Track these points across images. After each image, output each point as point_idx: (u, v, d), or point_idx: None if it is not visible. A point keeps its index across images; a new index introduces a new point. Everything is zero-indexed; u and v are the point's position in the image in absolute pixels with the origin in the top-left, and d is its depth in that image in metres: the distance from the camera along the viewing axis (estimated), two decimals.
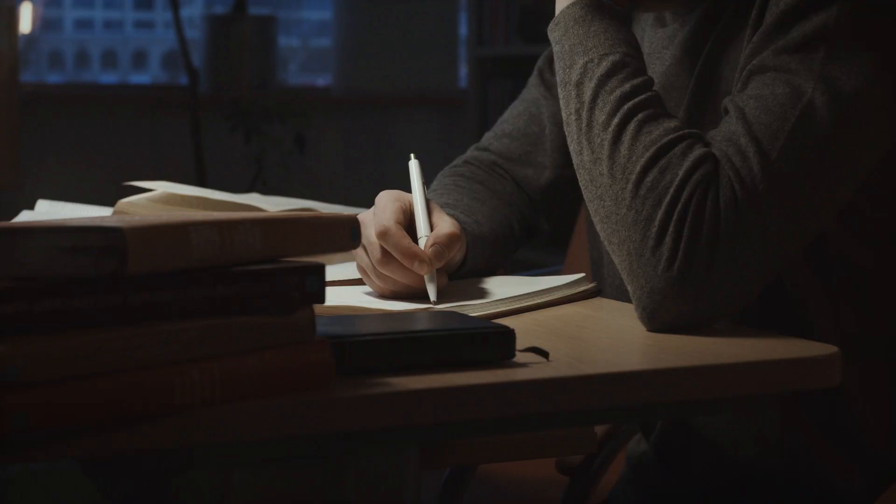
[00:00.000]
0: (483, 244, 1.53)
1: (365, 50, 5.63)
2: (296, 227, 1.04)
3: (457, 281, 1.48)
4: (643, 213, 1.25)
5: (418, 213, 1.42)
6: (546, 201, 1.68)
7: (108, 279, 0.91)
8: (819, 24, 1.29)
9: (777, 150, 1.26)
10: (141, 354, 0.93)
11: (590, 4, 1.37)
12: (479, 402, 1.04)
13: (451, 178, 1.67)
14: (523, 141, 1.69)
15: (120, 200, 1.87)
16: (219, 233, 0.98)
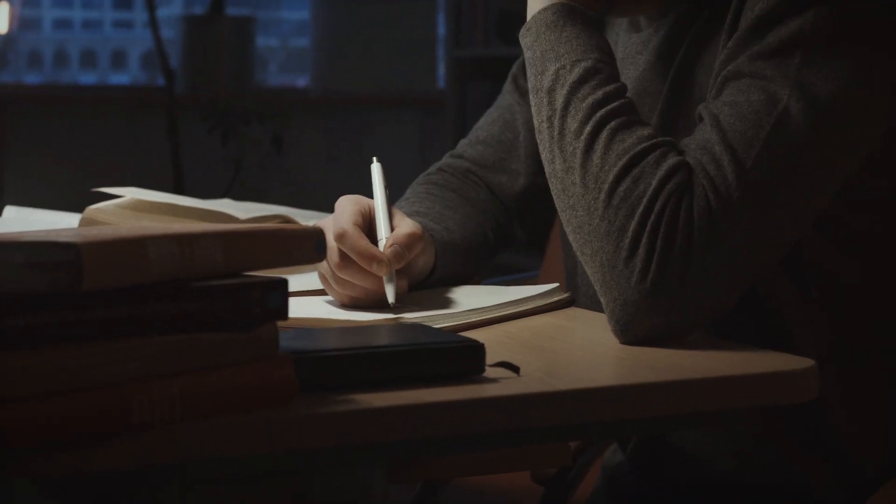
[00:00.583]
0: (454, 252, 1.50)
1: (343, 50, 5.60)
2: (259, 240, 1.02)
3: (427, 290, 1.46)
4: (616, 224, 1.23)
5: (379, 215, 1.40)
6: (520, 209, 1.66)
7: (64, 295, 0.88)
8: (795, 29, 1.27)
9: (752, 158, 1.23)
10: (98, 372, 0.90)
11: (562, 10, 1.35)
12: (447, 420, 1.02)
13: (423, 185, 1.65)
14: (497, 148, 1.67)
15: (88, 207, 1.84)
16: (179, 247, 0.95)
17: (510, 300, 1.38)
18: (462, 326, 1.30)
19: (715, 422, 1.20)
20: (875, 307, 1.40)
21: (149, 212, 1.82)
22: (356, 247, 1.33)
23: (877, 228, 1.38)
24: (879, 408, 1.42)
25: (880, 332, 1.41)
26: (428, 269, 1.46)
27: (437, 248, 1.47)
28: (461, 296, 1.43)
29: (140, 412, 0.92)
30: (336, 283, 1.36)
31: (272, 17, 6.42)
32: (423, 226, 1.47)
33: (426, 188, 1.63)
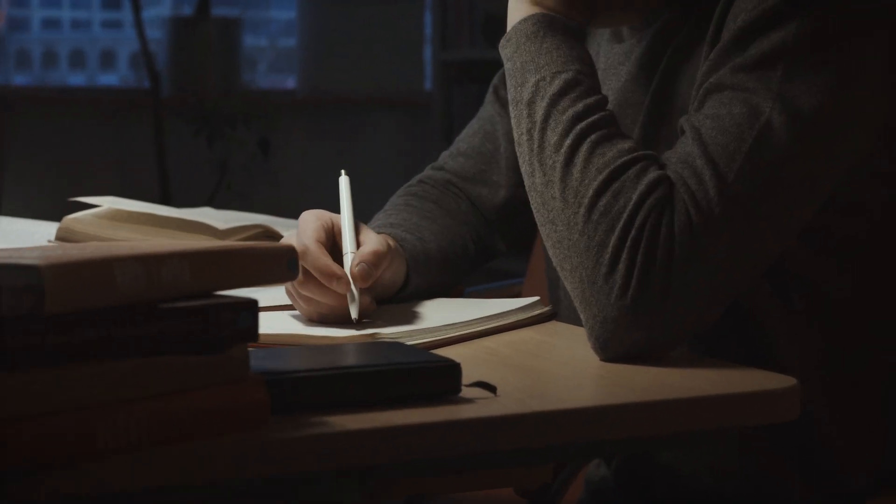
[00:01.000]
0: (427, 262, 1.48)
1: (329, 52, 5.59)
2: (229, 260, 1.00)
3: (406, 304, 1.43)
4: (596, 239, 1.21)
5: (345, 230, 1.37)
6: (502, 221, 1.64)
7: (26, 319, 0.86)
8: (777, 41, 1.25)
9: (734, 172, 1.21)
10: (61, 397, 0.88)
11: (542, 20, 1.32)
12: (422, 442, 1.00)
13: (402, 197, 1.63)
14: (478, 159, 1.65)
15: (65, 217, 1.82)
16: (145, 268, 0.93)
17: (490, 314, 1.36)
18: (440, 342, 1.28)
19: (696, 442, 1.19)
20: (860, 318, 1.38)
21: (127, 222, 1.80)
22: (316, 264, 1.31)
23: (861, 238, 1.37)
24: (865, 420, 1.41)
25: (866, 344, 1.39)
26: (398, 282, 1.43)
27: (408, 259, 1.44)
28: (440, 310, 1.41)
29: (105, 438, 0.90)
30: (300, 299, 1.34)
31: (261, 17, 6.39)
32: (394, 237, 1.45)
33: (405, 199, 1.62)
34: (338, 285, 1.31)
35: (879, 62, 1.28)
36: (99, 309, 0.90)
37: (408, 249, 1.46)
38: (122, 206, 1.81)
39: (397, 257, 1.43)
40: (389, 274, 1.40)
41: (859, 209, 1.35)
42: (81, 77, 6.58)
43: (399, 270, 1.43)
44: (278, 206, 5.30)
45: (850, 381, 1.39)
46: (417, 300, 1.46)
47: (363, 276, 1.32)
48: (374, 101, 5.53)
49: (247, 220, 1.86)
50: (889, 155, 1.34)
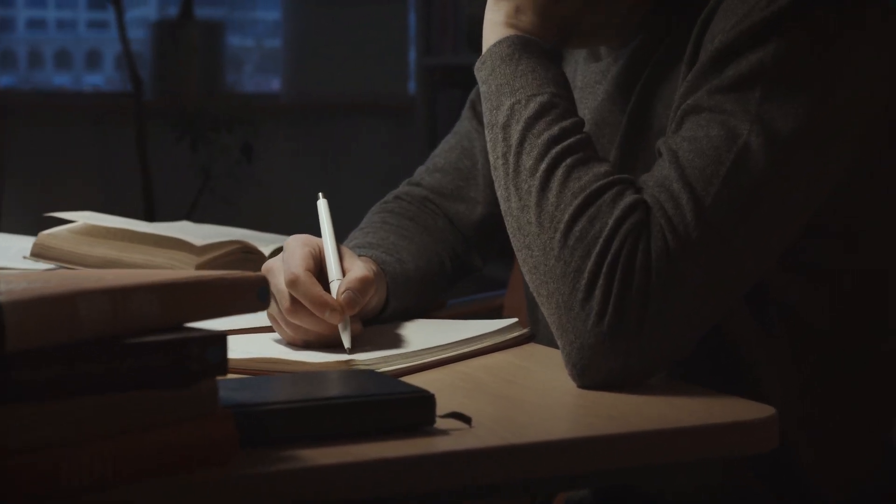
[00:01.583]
0: (407, 283, 1.47)
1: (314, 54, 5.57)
2: (198, 291, 0.98)
3: (380, 326, 1.42)
4: (572, 265, 1.19)
5: (329, 257, 1.36)
6: (479, 238, 1.62)
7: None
8: (755, 62, 1.23)
9: (711, 196, 1.20)
10: (25, 435, 0.87)
11: (517, 42, 1.31)
12: (395, 477, 0.99)
13: (379, 214, 1.61)
14: (455, 175, 1.63)
15: (41, 233, 1.80)
16: (111, 302, 0.91)
17: (467, 337, 1.35)
18: (417, 367, 1.26)
19: (672, 473, 1.17)
20: (840, 343, 1.37)
21: (103, 237, 1.78)
22: (309, 294, 1.29)
23: (840, 264, 1.35)
24: (844, 445, 1.40)
25: (846, 369, 1.38)
26: (380, 306, 1.42)
27: (388, 282, 1.43)
28: (416, 332, 1.39)
29: (70, 475, 0.88)
30: (287, 326, 1.33)
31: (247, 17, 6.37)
32: (375, 259, 1.44)
33: (381, 217, 1.60)
34: (331, 316, 1.29)
35: (857, 83, 1.27)
36: (63, 345, 0.88)
37: (388, 272, 1.44)
38: (98, 222, 1.79)
39: (381, 281, 1.41)
40: (375, 299, 1.39)
41: (838, 235, 1.34)
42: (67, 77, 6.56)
43: (380, 294, 1.42)
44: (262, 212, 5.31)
45: (828, 405, 1.38)
46: (396, 322, 1.45)
47: (351, 303, 1.30)
48: (358, 105, 5.51)
49: (225, 236, 1.84)
50: (868, 180, 1.33)
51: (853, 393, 1.39)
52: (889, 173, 1.36)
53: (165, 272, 1.03)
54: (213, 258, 1.75)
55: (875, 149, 1.32)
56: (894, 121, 1.34)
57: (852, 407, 1.39)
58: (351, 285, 1.31)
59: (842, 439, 1.39)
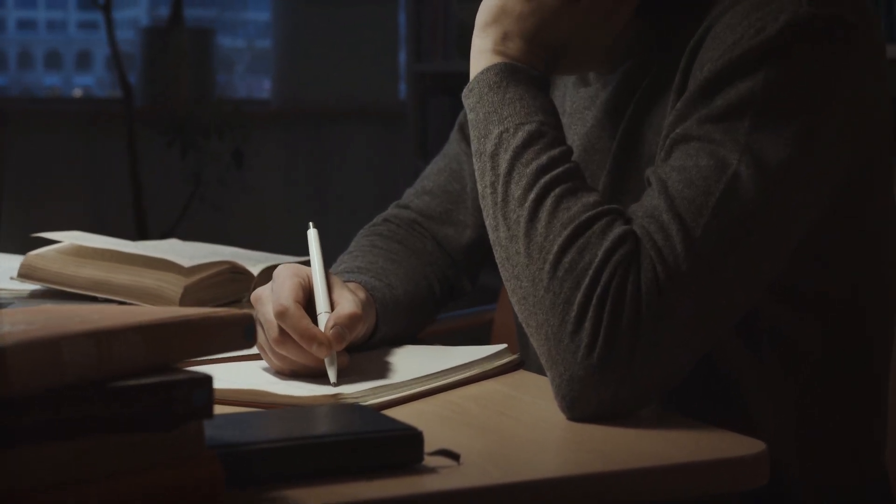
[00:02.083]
0: (396, 309, 1.46)
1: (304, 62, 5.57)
2: (183, 331, 0.97)
3: (367, 352, 1.41)
4: (561, 296, 1.18)
5: (318, 288, 1.35)
6: (468, 261, 1.61)
7: None
8: (744, 92, 1.23)
9: (700, 227, 1.19)
10: (9, 480, 0.86)
11: (504, 70, 1.30)
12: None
13: (368, 237, 1.60)
14: (444, 198, 1.62)
15: (28, 254, 1.79)
16: (96, 345, 0.90)
17: (455, 365, 1.34)
18: (405, 398, 1.26)
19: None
20: (830, 371, 1.37)
21: (91, 258, 1.77)
22: (297, 327, 1.28)
23: (831, 291, 1.35)
24: (837, 467, 1.39)
25: (836, 392, 1.37)
26: (369, 332, 1.41)
27: (378, 308, 1.42)
28: (404, 360, 1.38)
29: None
30: (274, 356, 1.32)
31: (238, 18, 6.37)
32: (364, 284, 1.43)
33: (370, 240, 1.59)
34: (318, 349, 1.28)
35: (845, 111, 1.26)
36: (47, 390, 0.87)
37: (378, 298, 1.43)
38: (84, 243, 1.78)
39: (370, 308, 1.40)
40: (364, 327, 1.38)
41: (827, 264, 1.33)
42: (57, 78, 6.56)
43: (370, 321, 1.41)
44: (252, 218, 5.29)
45: (821, 432, 1.37)
46: (384, 348, 1.44)
47: (338, 338, 1.29)
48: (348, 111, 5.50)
49: (213, 256, 1.83)
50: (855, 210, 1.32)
51: (845, 418, 1.39)
52: (874, 197, 1.36)
53: (150, 310, 1.02)
54: (201, 279, 1.74)
55: (862, 173, 1.32)
56: (881, 146, 1.34)
57: (844, 432, 1.39)
58: (339, 321, 1.30)
59: (834, 464, 1.39)
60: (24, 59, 6.44)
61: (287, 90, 5.57)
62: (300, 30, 5.57)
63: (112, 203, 5.03)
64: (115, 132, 4.92)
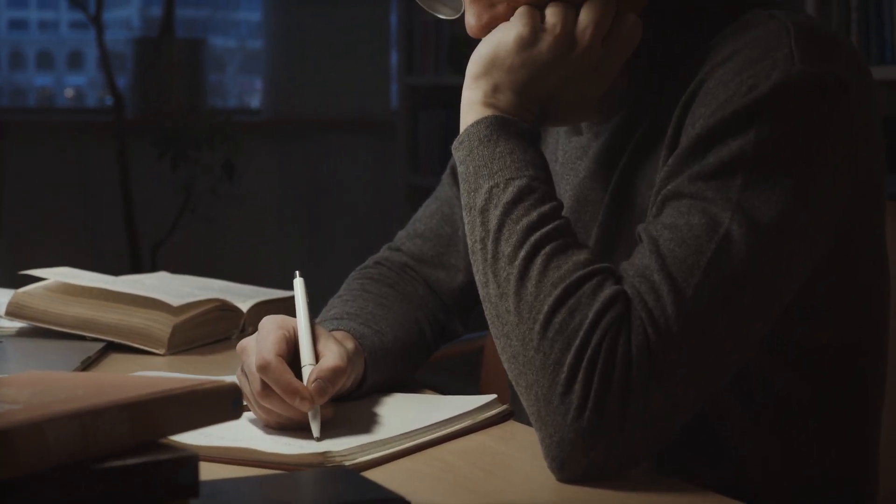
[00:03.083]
0: (386, 356, 1.45)
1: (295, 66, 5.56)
2: (169, 406, 0.96)
3: (356, 402, 1.40)
4: (551, 357, 1.18)
5: (302, 340, 1.34)
6: (459, 304, 1.61)
7: None
8: (736, 149, 1.22)
9: (692, 287, 1.18)
10: None
11: (495, 123, 1.29)
12: None
13: (358, 281, 1.59)
14: (435, 242, 1.62)
15: (16, 292, 1.79)
16: (80, 426, 0.90)
17: (444, 419, 1.33)
18: (393, 455, 1.25)
19: None
20: (822, 419, 1.36)
21: (79, 296, 1.77)
22: (279, 381, 1.28)
23: (824, 342, 1.34)
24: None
25: (828, 444, 1.37)
26: (358, 382, 1.41)
27: (366, 356, 1.42)
28: (392, 411, 1.38)
29: None
30: (259, 409, 1.31)
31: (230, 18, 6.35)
32: (353, 332, 1.42)
33: (361, 283, 1.58)
34: (300, 403, 1.28)
35: (837, 167, 1.26)
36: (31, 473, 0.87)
37: (367, 347, 1.42)
38: (73, 281, 1.77)
39: (356, 357, 1.39)
40: (351, 378, 1.37)
41: (820, 315, 1.33)
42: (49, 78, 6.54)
43: (358, 370, 1.40)
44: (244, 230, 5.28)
45: (814, 484, 1.37)
46: (373, 396, 1.43)
47: (321, 392, 1.29)
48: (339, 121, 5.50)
49: (203, 293, 1.83)
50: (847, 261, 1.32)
51: (837, 468, 1.38)
52: (866, 248, 1.35)
53: (135, 382, 1.01)
54: (190, 317, 1.74)
55: (854, 226, 1.31)
56: (873, 199, 1.33)
57: (837, 483, 1.38)
58: (322, 374, 1.29)
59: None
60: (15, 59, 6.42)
61: (278, 100, 5.56)
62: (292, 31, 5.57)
63: (103, 215, 5.01)
64: (105, 143, 4.91)
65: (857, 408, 1.38)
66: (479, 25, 1.34)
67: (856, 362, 1.37)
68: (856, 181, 1.29)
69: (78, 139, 5.10)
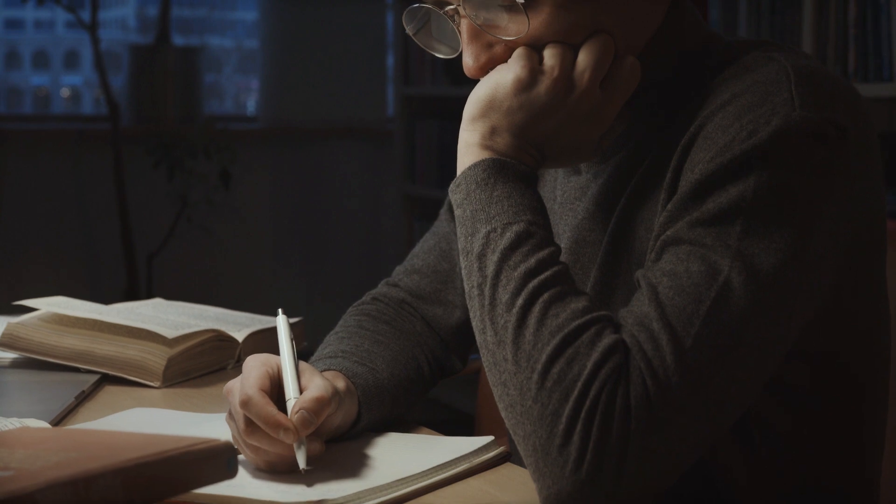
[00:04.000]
0: (380, 393, 1.44)
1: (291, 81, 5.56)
2: (163, 469, 0.96)
3: (350, 443, 1.39)
4: (549, 408, 1.17)
5: (286, 375, 1.33)
6: (457, 341, 1.60)
7: None
8: (735, 196, 1.21)
9: (691, 337, 1.17)
10: None
11: (493, 166, 1.28)
12: None
13: (355, 317, 1.58)
14: (433, 278, 1.61)
15: (9, 323, 1.78)
16: (73, 493, 0.89)
17: (440, 463, 1.32)
18: (389, 502, 1.24)
19: None
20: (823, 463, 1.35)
21: (73, 327, 1.75)
22: (261, 414, 1.27)
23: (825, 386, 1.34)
24: None
25: (828, 489, 1.36)
26: (350, 421, 1.40)
27: (359, 395, 1.41)
28: (388, 455, 1.36)
29: None
30: (247, 448, 1.30)
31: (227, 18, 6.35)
32: (345, 371, 1.42)
33: (357, 320, 1.57)
34: (284, 435, 1.27)
35: (837, 213, 1.25)
36: None
37: (360, 385, 1.42)
38: (67, 311, 1.76)
39: (348, 397, 1.39)
40: (340, 415, 1.36)
41: (821, 359, 1.32)
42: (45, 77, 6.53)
43: (350, 410, 1.39)
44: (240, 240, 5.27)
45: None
46: (367, 436, 1.42)
47: (304, 423, 1.28)
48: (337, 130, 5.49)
49: (198, 322, 1.82)
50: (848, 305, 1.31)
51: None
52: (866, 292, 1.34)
53: (131, 442, 1.01)
54: (185, 349, 1.73)
55: (855, 271, 1.31)
56: (873, 243, 1.33)
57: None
58: (304, 405, 1.29)
59: None
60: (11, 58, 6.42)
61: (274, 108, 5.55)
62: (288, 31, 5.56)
63: (98, 224, 5.00)
64: (101, 152, 4.90)
65: (857, 454, 1.37)
66: (477, 66, 1.33)
67: (856, 410, 1.36)
68: (855, 225, 1.28)
69: (74, 148, 5.09)
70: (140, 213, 4.86)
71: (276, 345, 1.39)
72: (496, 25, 1.31)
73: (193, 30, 5.92)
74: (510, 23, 1.31)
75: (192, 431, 1.44)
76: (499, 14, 1.31)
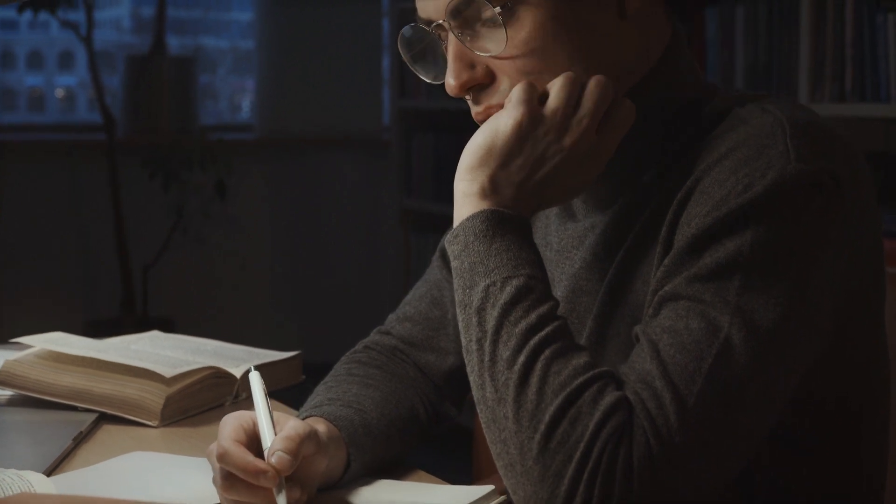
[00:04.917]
0: (369, 434, 1.43)
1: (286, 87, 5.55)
2: None
3: (344, 490, 1.38)
4: (552, 469, 1.16)
5: (262, 425, 1.31)
6: (450, 387, 1.59)
7: None
8: (733, 250, 1.20)
9: (694, 394, 1.17)
10: None
11: (492, 217, 1.27)
12: None
13: (345, 365, 1.58)
14: (425, 325, 1.60)
15: (6, 360, 1.77)
16: None
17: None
18: None
19: None
20: None
21: (70, 364, 1.75)
22: (239, 464, 1.26)
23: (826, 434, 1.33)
24: None
25: None
26: (341, 466, 1.38)
27: (345, 437, 1.40)
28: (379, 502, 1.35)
29: None
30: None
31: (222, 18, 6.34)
32: (328, 416, 1.41)
33: (347, 367, 1.57)
34: (265, 480, 1.26)
35: (835, 265, 1.25)
36: None
37: (344, 427, 1.40)
38: (65, 349, 1.75)
39: (332, 441, 1.37)
40: (324, 461, 1.34)
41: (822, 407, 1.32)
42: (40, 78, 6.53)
43: (338, 454, 1.38)
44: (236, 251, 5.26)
45: None
46: (360, 482, 1.40)
47: (281, 463, 1.27)
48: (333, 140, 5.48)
49: (196, 359, 1.81)
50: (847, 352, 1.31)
51: None
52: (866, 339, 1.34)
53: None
54: (183, 387, 1.72)
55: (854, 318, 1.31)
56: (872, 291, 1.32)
57: None
58: (279, 445, 1.28)
59: None
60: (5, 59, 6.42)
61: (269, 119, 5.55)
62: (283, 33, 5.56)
63: (94, 236, 4.99)
64: (96, 163, 4.89)
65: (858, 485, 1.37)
66: (458, 84, 1.33)
67: (856, 458, 1.36)
68: (853, 269, 1.28)
69: (68, 159, 5.09)
70: (135, 224, 4.85)
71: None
72: (477, 41, 1.31)
73: (188, 31, 5.92)
74: (489, 40, 1.30)
75: (190, 477, 1.43)
76: (479, 29, 1.31)
